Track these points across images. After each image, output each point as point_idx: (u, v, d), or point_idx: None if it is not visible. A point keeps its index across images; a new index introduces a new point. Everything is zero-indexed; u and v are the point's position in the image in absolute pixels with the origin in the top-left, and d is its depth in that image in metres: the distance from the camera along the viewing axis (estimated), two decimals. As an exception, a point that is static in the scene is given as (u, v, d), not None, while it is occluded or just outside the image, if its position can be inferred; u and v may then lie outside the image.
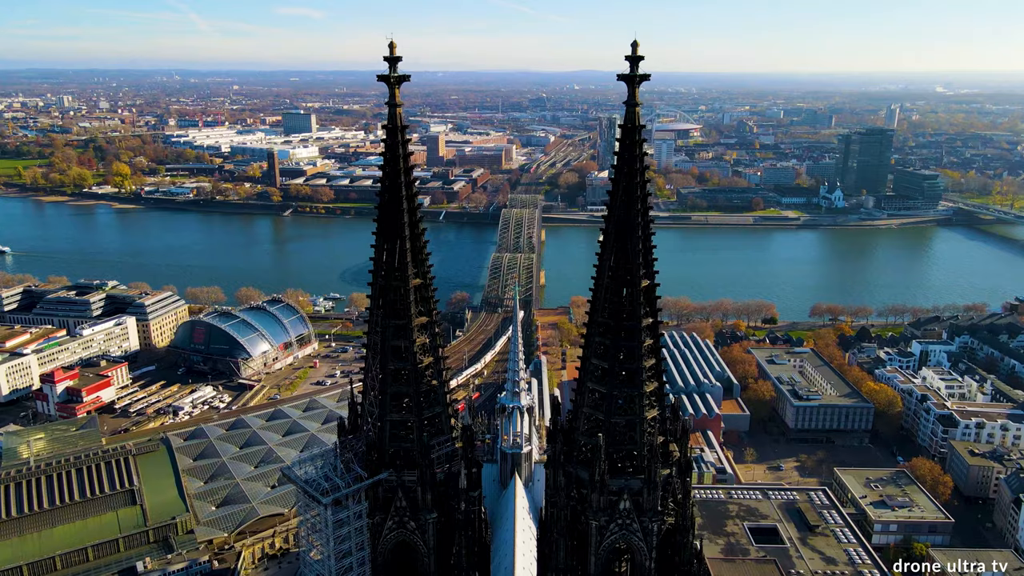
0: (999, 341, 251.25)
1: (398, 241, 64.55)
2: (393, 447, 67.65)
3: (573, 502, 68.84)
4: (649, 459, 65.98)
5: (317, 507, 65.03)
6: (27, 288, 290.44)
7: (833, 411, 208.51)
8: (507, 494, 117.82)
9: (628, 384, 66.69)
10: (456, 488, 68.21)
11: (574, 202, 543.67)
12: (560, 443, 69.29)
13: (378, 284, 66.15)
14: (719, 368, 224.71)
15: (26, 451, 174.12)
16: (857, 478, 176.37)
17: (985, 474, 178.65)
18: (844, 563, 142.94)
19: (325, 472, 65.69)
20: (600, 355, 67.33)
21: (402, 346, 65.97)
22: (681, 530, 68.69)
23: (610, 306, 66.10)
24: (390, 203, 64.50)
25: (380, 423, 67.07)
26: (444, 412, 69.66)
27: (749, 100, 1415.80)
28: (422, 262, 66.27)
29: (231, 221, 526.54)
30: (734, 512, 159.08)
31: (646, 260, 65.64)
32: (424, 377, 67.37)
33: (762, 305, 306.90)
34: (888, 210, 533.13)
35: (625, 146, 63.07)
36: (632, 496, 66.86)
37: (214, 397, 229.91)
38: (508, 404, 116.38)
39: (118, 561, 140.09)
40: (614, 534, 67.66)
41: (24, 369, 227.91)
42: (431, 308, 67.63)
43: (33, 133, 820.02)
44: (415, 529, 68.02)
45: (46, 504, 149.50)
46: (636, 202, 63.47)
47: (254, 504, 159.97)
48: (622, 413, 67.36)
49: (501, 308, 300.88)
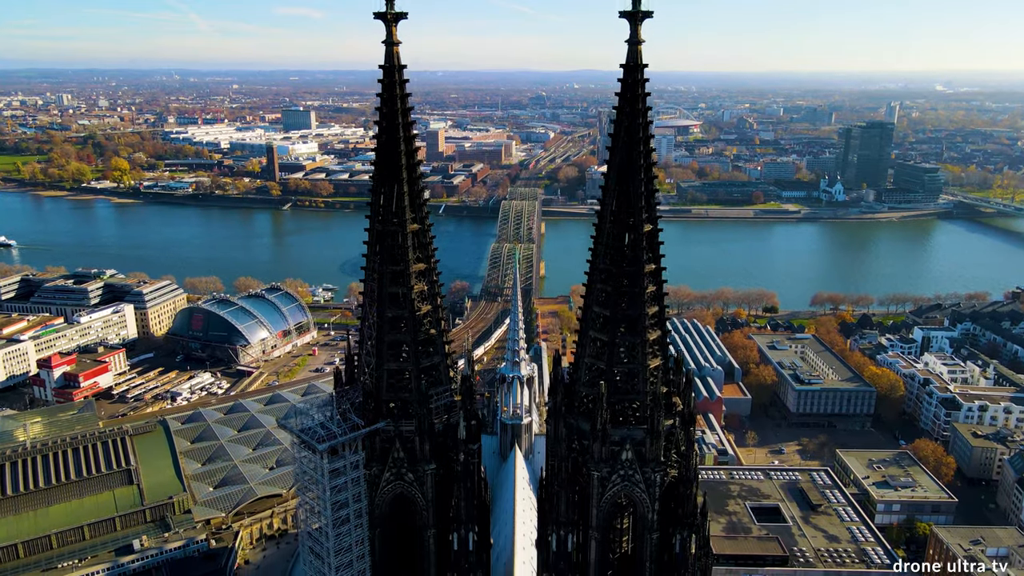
0: (1001, 327, 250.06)
1: (396, 185, 63.30)
2: (390, 397, 66.34)
3: (574, 454, 67.48)
4: (652, 408, 64.64)
5: (313, 457, 63.72)
6: (24, 277, 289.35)
7: (835, 395, 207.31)
8: (507, 466, 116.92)
9: (630, 332, 65.32)
10: (455, 440, 66.90)
11: (574, 195, 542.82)
12: (561, 394, 68.00)
13: (375, 230, 64.87)
14: (720, 353, 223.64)
15: (23, 435, 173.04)
16: (860, 459, 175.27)
17: (988, 456, 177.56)
18: (847, 541, 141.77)
19: (321, 421, 64.39)
20: (601, 303, 65.97)
21: (400, 293, 64.63)
22: (684, 481, 67.29)
23: (612, 252, 64.73)
24: (387, 146, 63.23)
25: (377, 372, 65.78)
26: (443, 362, 68.38)
27: (749, 98, 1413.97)
28: (420, 207, 64.97)
29: (230, 215, 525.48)
30: (736, 492, 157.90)
31: (648, 204, 64.30)
32: (422, 325, 66.08)
33: (763, 294, 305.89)
34: (889, 203, 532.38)
35: (627, 86, 61.70)
36: (634, 446, 65.50)
37: (212, 383, 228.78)
38: (508, 374, 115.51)
39: (114, 539, 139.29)
40: (616, 485, 66.28)
41: (21, 355, 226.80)
42: (429, 255, 66.32)
43: (32, 130, 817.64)
44: (413, 481, 66.65)
45: (42, 483, 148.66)
46: (638, 143, 62.13)
47: (252, 485, 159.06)
48: (624, 362, 66.06)
49: (501, 297, 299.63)
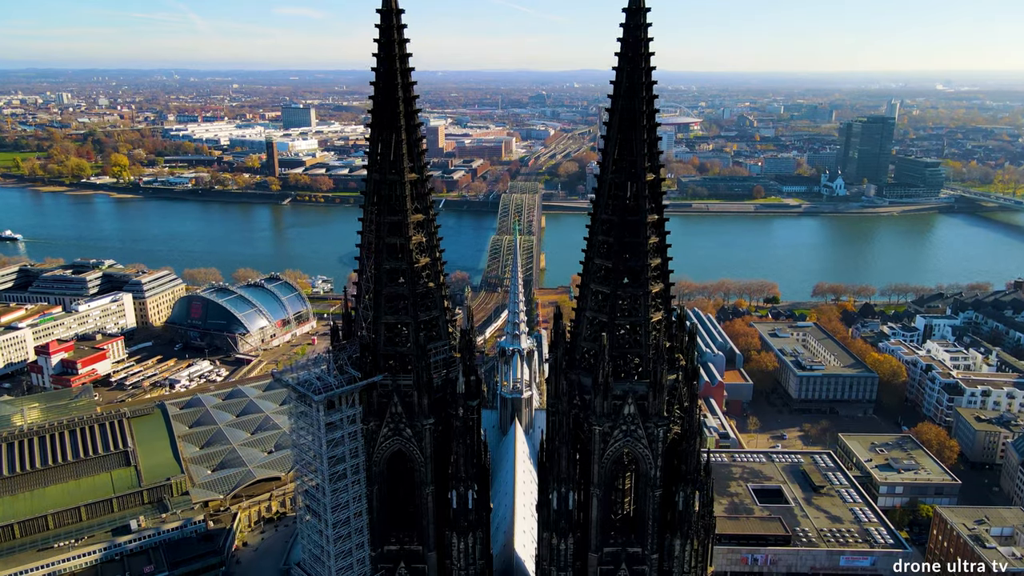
0: (1004, 315, 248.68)
1: (394, 133, 62.17)
2: (388, 351, 65.23)
3: (575, 410, 66.39)
4: (655, 361, 63.57)
5: (309, 410, 62.57)
6: (23, 267, 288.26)
7: (836, 381, 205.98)
8: (507, 440, 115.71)
9: (632, 283, 64.31)
10: (454, 395, 65.75)
11: (574, 190, 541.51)
12: (562, 349, 66.94)
13: (372, 180, 63.72)
14: (721, 339, 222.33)
15: (20, 420, 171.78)
16: (862, 443, 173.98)
17: (992, 439, 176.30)
18: (850, 521, 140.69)
19: (318, 374, 63.23)
20: (603, 254, 64.93)
21: (398, 244, 63.51)
22: (688, 437, 66.09)
23: (614, 202, 63.75)
24: (385, 92, 62.07)
25: (375, 326, 64.65)
26: (441, 316, 67.31)
27: (749, 97, 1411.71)
28: (418, 156, 63.83)
29: (230, 210, 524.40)
30: (738, 474, 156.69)
31: (651, 152, 63.27)
32: (420, 277, 64.93)
33: (764, 284, 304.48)
34: (890, 198, 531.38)
35: (629, 29, 60.58)
36: (637, 400, 64.43)
37: (211, 371, 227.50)
38: (508, 347, 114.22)
39: (111, 520, 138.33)
40: (618, 441, 65.21)
41: (19, 343, 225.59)
42: (428, 206, 65.19)
43: (32, 128, 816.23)
44: (411, 437, 65.51)
45: (38, 464, 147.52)
46: (640, 89, 61.06)
47: (250, 467, 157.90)
48: (626, 314, 64.99)
49: (501, 288, 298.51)
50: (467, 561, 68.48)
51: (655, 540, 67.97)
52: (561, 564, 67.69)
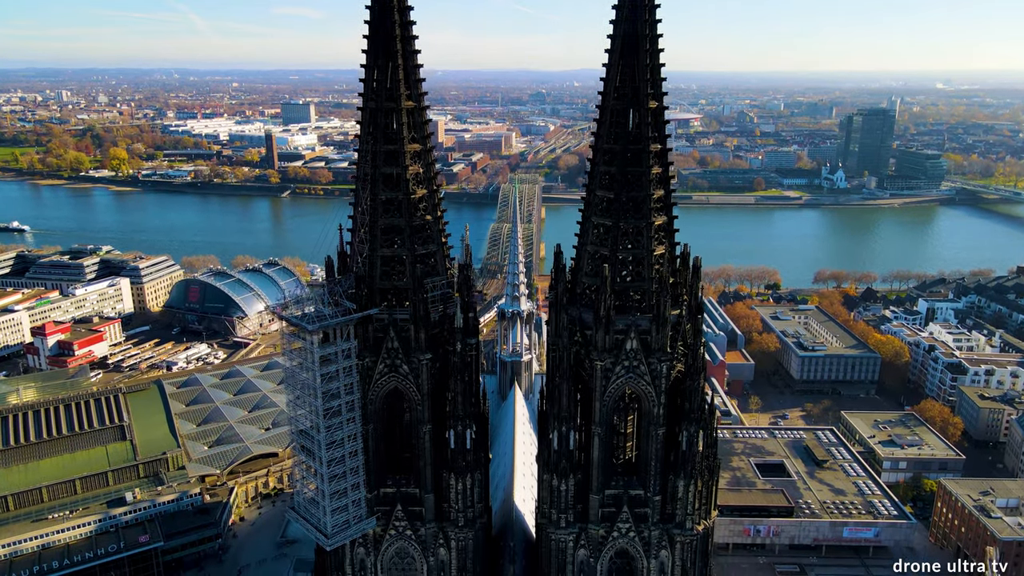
0: (1007, 299, 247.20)
1: (390, 60, 60.56)
2: (384, 285, 63.64)
3: (576, 347, 64.77)
4: (658, 294, 61.94)
5: (304, 343, 60.95)
6: (20, 253, 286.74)
7: (839, 361, 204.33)
8: (507, 404, 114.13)
9: (635, 215, 62.73)
10: (451, 330, 64.12)
11: (574, 183, 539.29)
12: (563, 284, 65.34)
13: (368, 108, 62.13)
14: (722, 320, 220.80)
15: (15, 399, 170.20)
16: (865, 420, 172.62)
17: (996, 417, 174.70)
18: (853, 494, 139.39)
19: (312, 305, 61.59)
20: (605, 185, 63.37)
21: (394, 173, 61.95)
22: (692, 374, 64.51)
23: (616, 131, 62.18)
24: (381, 16, 60.50)
25: (371, 259, 63.06)
26: (439, 251, 65.68)
27: (749, 95, 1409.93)
28: (416, 83, 62.26)
29: (229, 202, 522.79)
30: (740, 450, 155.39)
31: (654, 79, 61.74)
32: (417, 210, 63.35)
33: (765, 271, 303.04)
34: (891, 190, 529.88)
35: (632, -52, 59.09)
36: (640, 335, 62.81)
37: (208, 354, 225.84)
38: (507, 310, 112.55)
39: (106, 493, 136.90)
40: (620, 377, 63.60)
41: (15, 325, 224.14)
42: (425, 136, 63.57)
43: (31, 124, 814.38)
44: (408, 373, 63.84)
45: (33, 438, 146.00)
46: (644, 11, 59.54)
47: (247, 443, 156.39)
48: (629, 247, 63.41)
49: (500, 274, 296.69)
50: (465, 503, 66.85)
51: (658, 481, 66.40)
52: (562, 506, 66.10)
